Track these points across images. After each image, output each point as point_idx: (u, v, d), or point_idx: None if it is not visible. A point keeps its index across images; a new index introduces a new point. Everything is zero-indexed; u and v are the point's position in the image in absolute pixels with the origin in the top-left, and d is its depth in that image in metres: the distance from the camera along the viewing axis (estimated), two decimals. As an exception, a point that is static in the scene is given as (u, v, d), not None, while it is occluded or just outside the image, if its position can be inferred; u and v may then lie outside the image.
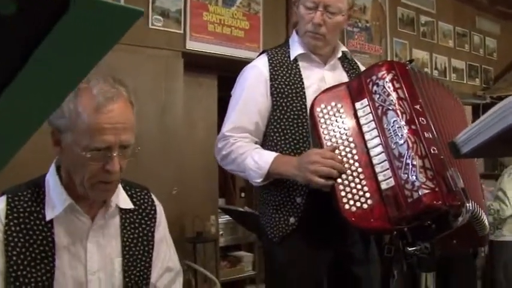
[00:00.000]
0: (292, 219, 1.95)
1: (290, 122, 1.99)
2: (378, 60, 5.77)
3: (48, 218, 1.41)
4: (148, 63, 3.97)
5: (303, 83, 2.04)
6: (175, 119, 4.10)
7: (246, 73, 2.12)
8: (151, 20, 4.01)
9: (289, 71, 2.05)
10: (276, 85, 2.02)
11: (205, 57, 4.36)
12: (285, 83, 2.02)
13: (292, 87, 2.02)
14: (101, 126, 1.34)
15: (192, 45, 4.21)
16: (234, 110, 2.06)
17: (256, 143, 2.05)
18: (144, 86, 3.88)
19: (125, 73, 3.75)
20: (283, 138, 1.99)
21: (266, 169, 1.90)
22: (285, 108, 2.00)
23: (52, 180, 1.47)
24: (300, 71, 2.06)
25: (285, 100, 2.00)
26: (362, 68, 2.22)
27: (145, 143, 3.81)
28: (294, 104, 2.00)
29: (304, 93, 2.01)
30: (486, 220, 1.77)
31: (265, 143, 2.05)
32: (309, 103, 1.94)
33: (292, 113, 1.99)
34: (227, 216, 4.79)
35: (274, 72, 2.04)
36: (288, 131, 1.99)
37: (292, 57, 2.09)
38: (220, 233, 5.06)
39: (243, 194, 5.91)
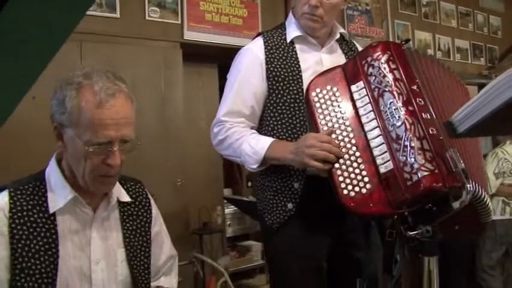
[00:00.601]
0: (290, 205, 1.92)
1: (287, 106, 1.95)
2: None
3: (51, 211, 1.46)
4: (147, 55, 3.94)
5: (299, 66, 2.00)
6: (176, 110, 4.07)
7: (241, 56, 2.07)
8: (147, 11, 3.98)
9: (285, 54, 2.01)
10: (272, 68, 1.98)
11: (204, 47, 4.33)
12: (281, 66, 1.98)
13: (289, 70, 1.98)
14: (103, 121, 1.40)
15: (190, 36, 4.18)
16: (229, 94, 2.03)
17: (252, 127, 2.02)
18: (143, 77, 3.86)
19: (123, 65, 3.75)
20: (279, 122, 1.96)
21: (262, 155, 1.87)
22: (281, 92, 1.96)
23: (54, 174, 1.51)
24: (296, 54, 2.02)
25: (281, 84, 1.97)
26: (360, 49, 2.17)
27: (146, 135, 3.80)
28: (291, 88, 1.96)
29: (301, 76, 1.97)
30: (489, 203, 1.72)
31: (262, 127, 2.02)
32: (305, 86, 1.90)
33: (288, 96, 1.96)
34: (234, 206, 4.78)
35: (270, 55, 2.00)
36: (285, 115, 1.95)
37: (288, 40, 2.05)
38: (228, 223, 5.05)
39: (249, 183, 5.88)
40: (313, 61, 2.03)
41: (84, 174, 1.44)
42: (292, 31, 2.06)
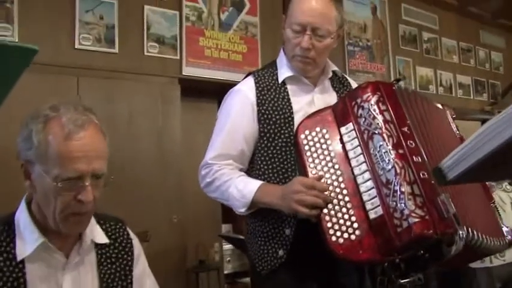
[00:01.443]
0: (281, 252, 1.85)
1: (278, 150, 1.90)
2: (381, 79, 5.73)
3: (19, 258, 1.35)
4: (145, 89, 3.95)
5: (291, 107, 1.94)
6: (173, 145, 4.05)
7: (232, 98, 2.02)
8: (146, 47, 3.99)
9: (277, 95, 1.96)
10: (263, 111, 1.93)
11: (203, 83, 4.34)
12: (273, 109, 1.93)
13: (280, 112, 1.92)
14: (72, 154, 1.31)
15: (189, 71, 4.19)
16: (219, 137, 1.97)
17: (241, 169, 1.97)
18: (140, 112, 3.86)
19: (121, 100, 3.75)
20: (270, 166, 1.90)
21: (250, 199, 1.82)
22: (273, 135, 1.91)
23: (23, 217, 1.41)
24: (288, 95, 1.97)
25: (273, 127, 1.91)
26: (354, 85, 2.13)
27: (142, 171, 3.77)
28: (282, 131, 1.90)
29: (292, 118, 1.91)
30: (493, 242, 1.67)
31: (253, 171, 1.96)
32: None
33: (280, 140, 1.90)
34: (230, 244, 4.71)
35: (261, 97, 1.94)
36: (276, 159, 1.90)
37: (280, 80, 1.99)
38: (227, 259, 4.96)
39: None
40: (305, 102, 1.98)
41: (55, 213, 1.33)
42: (284, 71, 2.01)
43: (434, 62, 6.60)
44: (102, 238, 1.52)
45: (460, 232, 1.47)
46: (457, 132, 1.96)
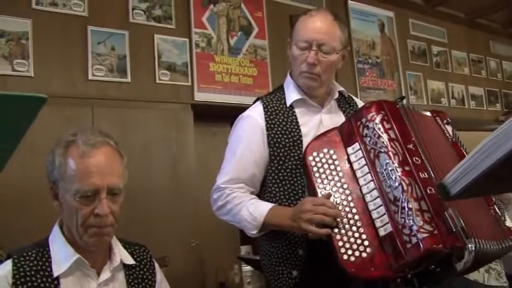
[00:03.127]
0: (295, 272, 1.88)
1: (288, 173, 1.94)
2: (392, 95, 5.74)
3: (55, 275, 1.47)
4: (158, 117, 4.00)
5: (300, 130, 1.99)
6: (189, 170, 4.09)
7: (242, 123, 2.07)
8: (158, 75, 4.06)
9: (285, 119, 2.01)
10: (272, 135, 1.97)
11: (215, 107, 4.38)
12: (282, 132, 1.98)
13: (289, 136, 1.97)
14: (87, 169, 1.46)
15: (201, 97, 4.24)
16: (230, 162, 2.02)
17: (252, 192, 2.01)
18: (154, 139, 3.91)
19: (135, 128, 3.82)
20: (281, 189, 1.94)
21: (261, 221, 1.86)
22: (283, 158, 1.95)
23: (56, 238, 1.54)
24: (296, 118, 2.01)
25: (282, 150, 1.96)
26: (360, 104, 2.17)
27: (159, 196, 3.81)
28: (292, 154, 1.94)
29: (301, 141, 1.96)
30: (499, 246, 1.68)
31: (265, 193, 2.00)
32: None
33: (290, 163, 1.94)
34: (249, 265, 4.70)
35: (270, 121, 1.99)
36: (287, 182, 1.94)
37: (288, 104, 2.04)
38: (248, 281, 4.95)
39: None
40: (314, 124, 2.02)
41: (77, 227, 1.47)
42: (292, 94, 2.06)
43: (445, 75, 6.60)
44: (129, 260, 1.65)
45: (469, 245, 1.49)
46: (450, 136, 1.96)
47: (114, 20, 3.94)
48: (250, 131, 2.02)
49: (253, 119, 2.03)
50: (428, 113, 1.98)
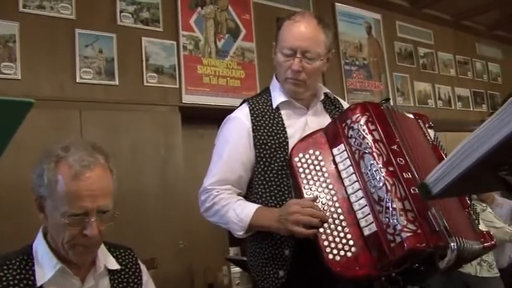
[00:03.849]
0: (281, 273, 1.90)
1: (274, 174, 1.95)
2: (380, 96, 5.78)
3: (39, 284, 1.46)
4: (146, 119, 4.01)
5: (285, 132, 2.00)
6: (177, 173, 4.10)
7: (229, 125, 2.08)
8: (146, 77, 4.07)
9: (271, 121, 2.02)
10: (258, 136, 1.99)
11: (203, 109, 4.40)
12: (268, 134, 1.99)
13: (275, 137, 1.98)
14: (78, 193, 1.42)
15: (188, 99, 4.26)
16: (217, 164, 2.03)
17: (239, 194, 2.02)
18: (143, 142, 3.91)
19: (123, 131, 3.82)
20: (267, 190, 1.96)
21: (247, 222, 1.87)
22: (269, 160, 1.97)
23: (41, 246, 1.52)
24: (282, 120, 2.03)
25: (268, 151, 1.97)
26: (345, 106, 2.19)
27: (147, 199, 3.82)
28: (278, 156, 1.96)
29: (287, 143, 1.97)
30: (477, 246, 1.71)
31: (251, 195, 2.01)
32: None
33: (276, 164, 1.96)
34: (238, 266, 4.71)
35: (256, 123, 2.01)
36: (273, 183, 1.95)
37: (274, 106, 2.06)
38: (237, 282, 4.96)
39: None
40: (299, 126, 2.04)
41: (63, 244, 1.45)
42: (277, 96, 2.07)
43: (432, 76, 6.66)
44: (113, 264, 1.64)
45: (452, 244, 1.52)
46: (431, 140, 1.98)
47: (101, 22, 3.95)
48: (237, 133, 2.03)
49: (240, 120, 2.04)
50: (411, 115, 2.01)
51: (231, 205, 1.94)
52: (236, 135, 2.03)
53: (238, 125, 2.04)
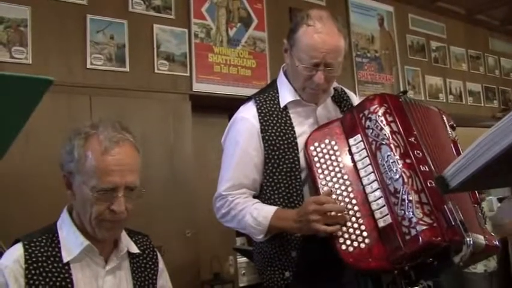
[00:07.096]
0: (287, 274, 1.87)
1: (283, 175, 1.90)
2: (391, 89, 5.74)
3: (65, 260, 1.49)
4: (156, 107, 3.99)
5: (294, 132, 1.93)
6: (185, 161, 4.08)
7: (237, 126, 2.00)
8: (156, 64, 4.05)
9: (279, 121, 1.95)
10: (267, 137, 1.92)
11: (213, 98, 4.38)
12: (276, 134, 1.92)
13: (284, 138, 1.92)
14: (108, 168, 1.46)
15: (199, 87, 4.24)
16: (230, 167, 1.97)
17: (254, 196, 1.97)
18: (152, 129, 3.89)
19: (133, 118, 3.80)
20: (276, 192, 1.91)
21: (266, 226, 1.83)
22: (277, 161, 1.91)
23: (66, 225, 1.56)
24: (290, 119, 1.96)
25: (277, 152, 1.91)
26: (352, 97, 2.14)
27: (155, 186, 3.80)
28: (286, 156, 1.90)
29: (296, 143, 1.91)
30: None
31: (259, 196, 1.97)
32: (301, 153, 1.88)
33: (284, 166, 1.90)
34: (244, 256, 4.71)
35: (264, 123, 1.94)
36: (281, 185, 1.90)
37: (282, 105, 1.98)
38: (242, 272, 4.96)
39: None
40: (309, 123, 1.98)
41: (91, 219, 1.48)
42: (286, 95, 1.99)
43: (443, 70, 6.61)
44: (134, 248, 1.66)
45: (468, 239, 1.50)
46: (451, 135, 1.95)
47: (113, 9, 3.92)
48: (247, 134, 1.95)
49: (249, 121, 1.97)
50: (435, 108, 1.97)
51: (248, 209, 1.88)
52: (246, 137, 1.95)
53: (248, 126, 1.96)
